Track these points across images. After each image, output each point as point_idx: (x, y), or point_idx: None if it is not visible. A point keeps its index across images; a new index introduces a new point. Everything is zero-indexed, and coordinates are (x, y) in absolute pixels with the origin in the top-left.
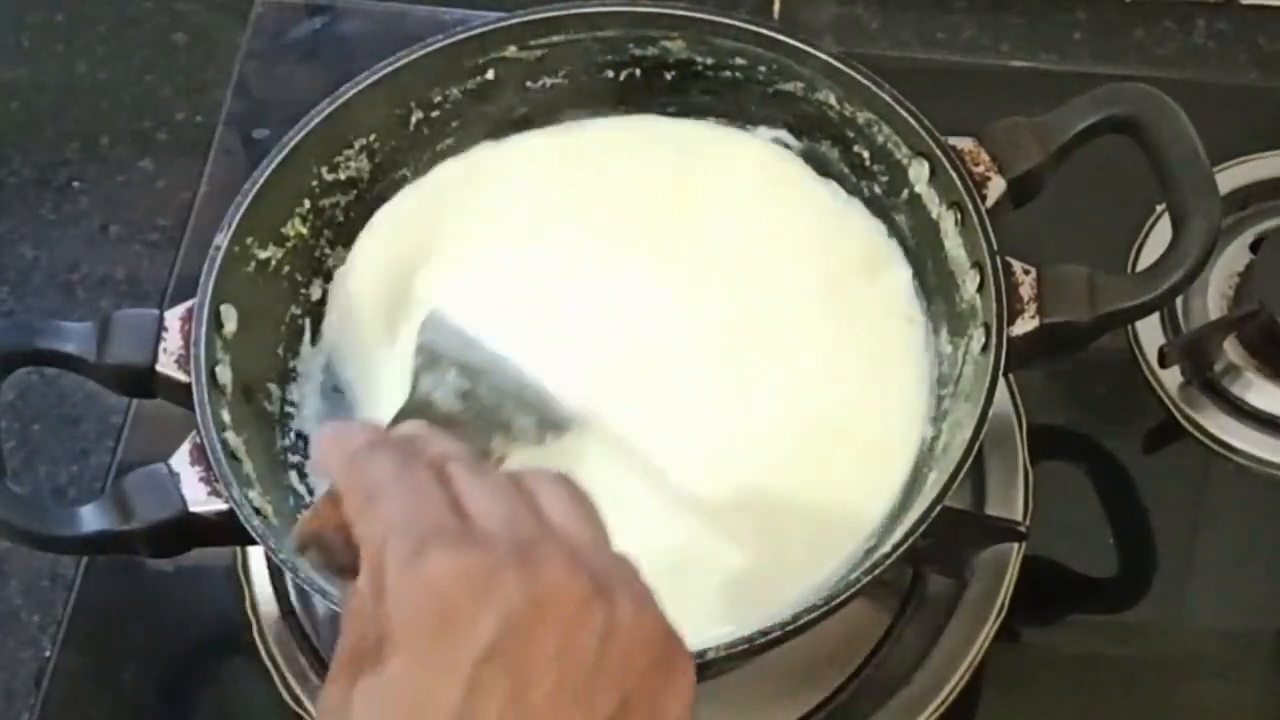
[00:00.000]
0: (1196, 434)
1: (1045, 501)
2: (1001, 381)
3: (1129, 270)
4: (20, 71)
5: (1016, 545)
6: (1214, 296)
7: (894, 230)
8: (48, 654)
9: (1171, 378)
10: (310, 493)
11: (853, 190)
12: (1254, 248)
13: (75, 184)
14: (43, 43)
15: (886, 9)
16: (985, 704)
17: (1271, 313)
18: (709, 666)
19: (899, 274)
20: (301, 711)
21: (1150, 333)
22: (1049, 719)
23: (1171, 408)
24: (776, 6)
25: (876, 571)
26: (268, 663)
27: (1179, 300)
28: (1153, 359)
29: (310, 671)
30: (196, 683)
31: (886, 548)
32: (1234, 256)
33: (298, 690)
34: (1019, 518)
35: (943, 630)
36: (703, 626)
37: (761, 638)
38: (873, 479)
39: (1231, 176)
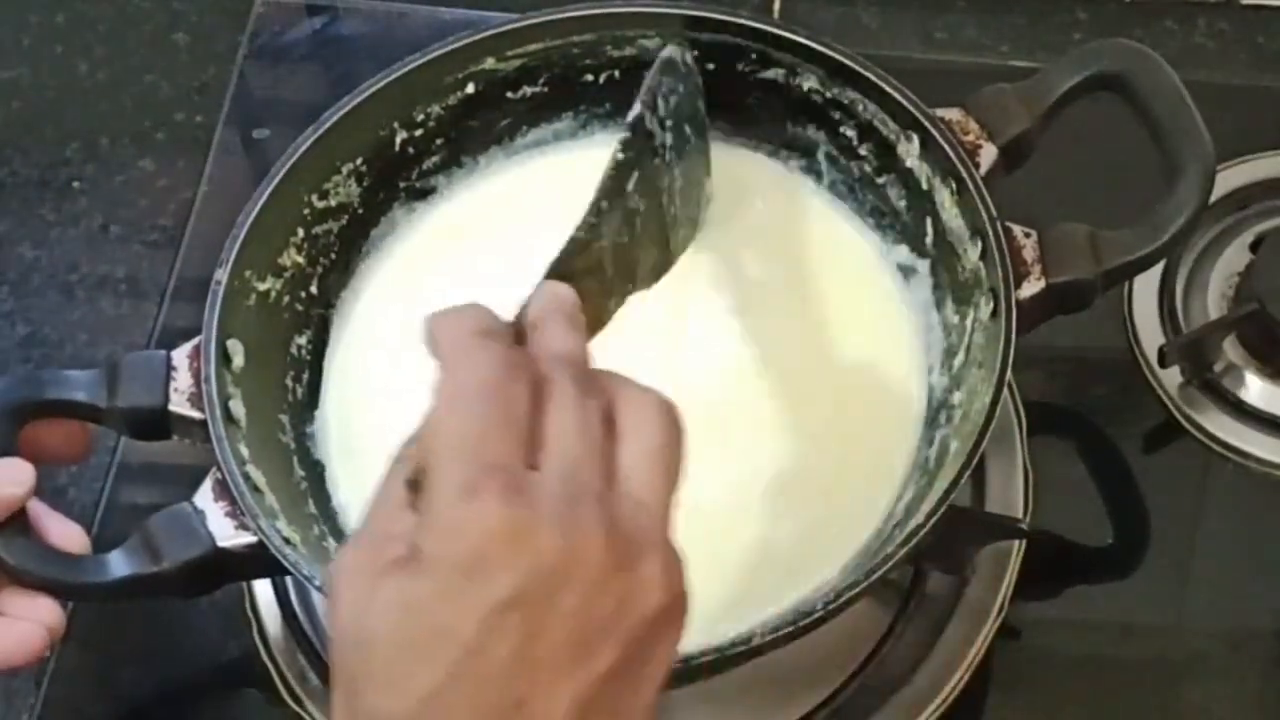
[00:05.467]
0: (1196, 434)
1: (1045, 501)
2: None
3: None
4: (20, 71)
5: (1017, 543)
6: (1214, 296)
7: (887, 206)
8: (48, 654)
9: (1171, 378)
10: (331, 520)
11: (843, 170)
12: (1254, 248)
13: (75, 184)
14: (43, 43)
15: (886, 9)
16: (985, 704)
17: (1271, 312)
18: (710, 667)
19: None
20: (302, 712)
21: (1150, 333)
22: (1049, 719)
23: (1171, 408)
24: (776, 6)
25: (886, 567)
26: (268, 663)
27: (1179, 300)
28: (1153, 359)
29: (310, 672)
30: (197, 683)
31: (894, 544)
32: (1234, 256)
33: (298, 691)
34: (1019, 516)
35: (943, 629)
36: (721, 618)
37: (762, 638)
38: (876, 470)
39: (1231, 176)
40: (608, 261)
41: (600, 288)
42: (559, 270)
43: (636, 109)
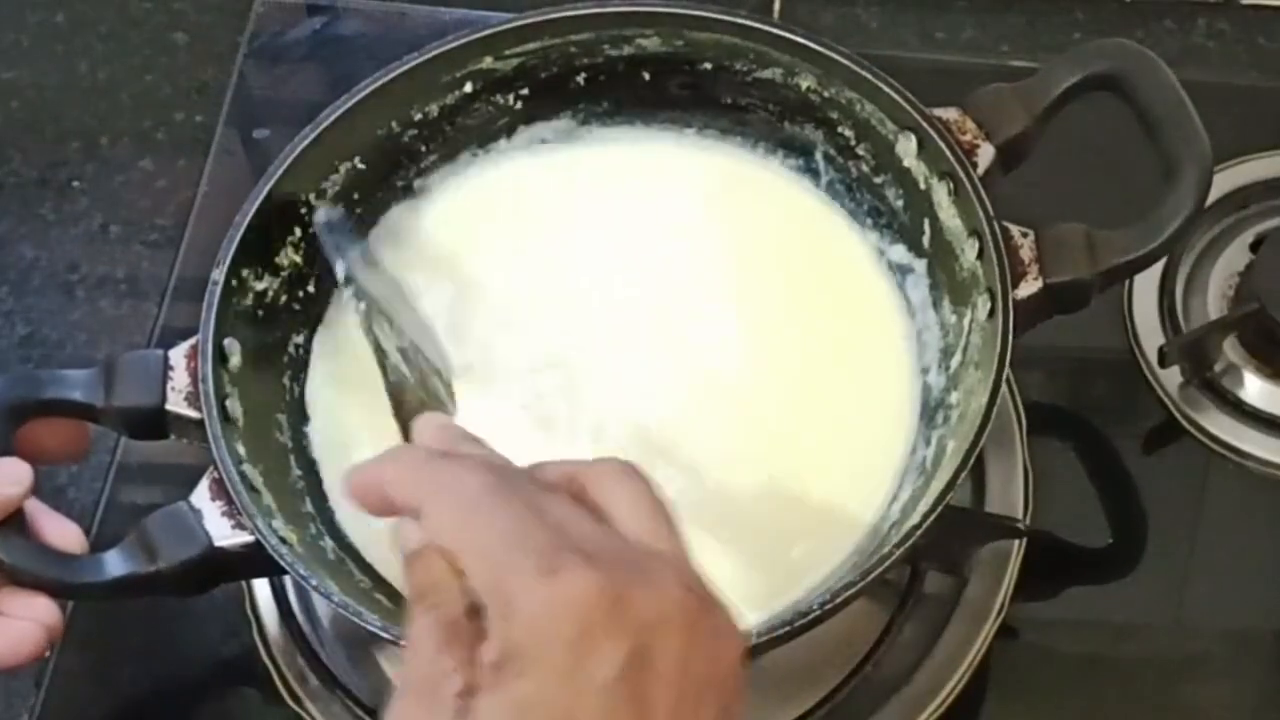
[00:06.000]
0: (1196, 434)
1: (1045, 501)
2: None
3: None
4: (20, 71)
5: (1016, 543)
6: (1214, 296)
7: (884, 206)
8: (47, 654)
9: (1171, 378)
10: (328, 521)
11: (840, 169)
12: (1254, 248)
13: (75, 184)
14: (43, 43)
15: (886, 9)
16: (985, 704)
17: (1271, 312)
18: None
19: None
20: (301, 712)
21: (1150, 333)
22: (1049, 719)
23: (1171, 408)
24: (777, 6)
25: (882, 568)
26: (267, 662)
27: (1179, 300)
28: (1153, 359)
29: (309, 671)
30: (197, 683)
31: (891, 544)
32: (1234, 256)
33: (297, 690)
34: (1018, 516)
35: (942, 629)
36: None
37: (759, 638)
38: (870, 470)
39: (1231, 176)
40: (425, 395)
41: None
42: (404, 415)
43: (341, 266)
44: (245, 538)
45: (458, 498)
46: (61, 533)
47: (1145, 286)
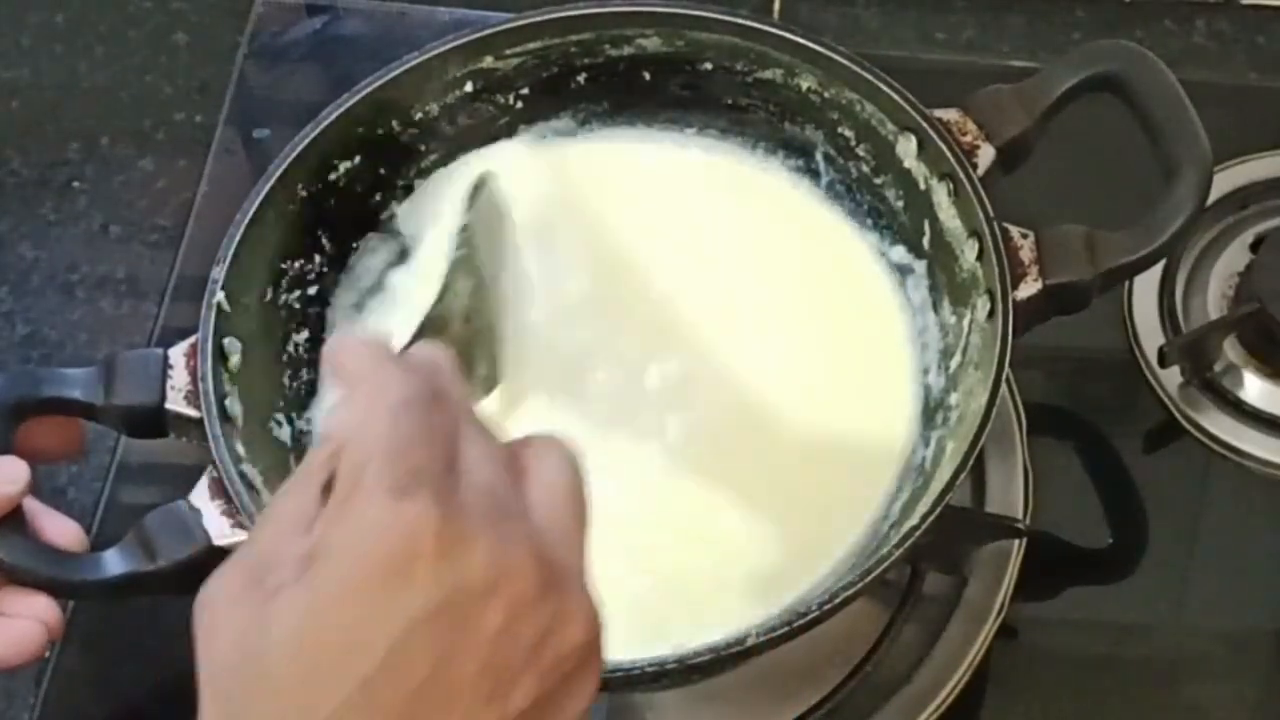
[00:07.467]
0: (1196, 434)
1: (1045, 501)
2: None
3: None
4: (20, 71)
5: (1016, 543)
6: (1214, 296)
7: (884, 206)
8: (47, 654)
9: (1171, 378)
10: None
11: (840, 170)
12: (1254, 248)
13: (75, 184)
14: (43, 43)
15: (886, 9)
16: (985, 704)
17: (1271, 312)
18: (705, 668)
19: (873, 262)
20: None
21: (1150, 333)
22: (1048, 719)
23: (1171, 408)
24: (776, 6)
25: (882, 568)
26: None
27: (1179, 300)
28: (1153, 359)
29: None
30: (197, 683)
31: (890, 544)
32: (1234, 256)
33: None
34: (1018, 516)
35: (942, 629)
36: (716, 622)
37: (757, 638)
38: (869, 469)
39: (1231, 176)
40: (456, 345)
41: None
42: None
43: (464, 217)
44: (244, 537)
45: (377, 400)
46: (61, 531)
47: (1145, 286)
